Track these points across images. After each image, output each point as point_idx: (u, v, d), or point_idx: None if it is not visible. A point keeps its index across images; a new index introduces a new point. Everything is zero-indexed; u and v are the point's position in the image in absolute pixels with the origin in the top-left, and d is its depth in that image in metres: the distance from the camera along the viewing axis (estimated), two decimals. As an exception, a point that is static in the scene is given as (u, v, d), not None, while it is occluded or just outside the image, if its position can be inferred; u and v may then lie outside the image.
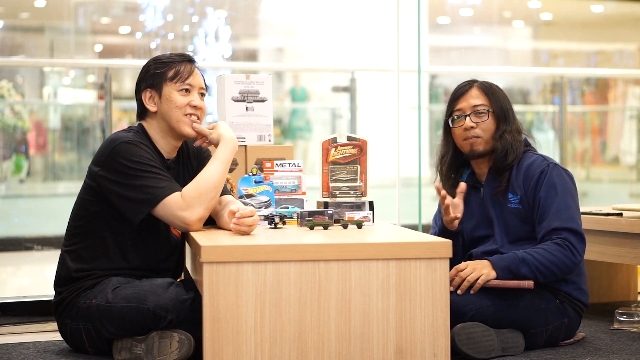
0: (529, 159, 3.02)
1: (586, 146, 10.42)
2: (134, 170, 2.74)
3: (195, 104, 2.89)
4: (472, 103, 3.05)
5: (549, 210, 2.92)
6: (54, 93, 10.27)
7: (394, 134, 4.59)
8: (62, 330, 2.88)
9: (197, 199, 2.73)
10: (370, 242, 2.52)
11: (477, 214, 3.08)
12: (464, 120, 3.04)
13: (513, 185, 3.01)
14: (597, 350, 2.95)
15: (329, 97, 10.09)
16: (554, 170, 2.98)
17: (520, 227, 3.00)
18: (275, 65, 11.26)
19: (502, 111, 3.04)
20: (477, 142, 3.03)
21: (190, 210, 2.72)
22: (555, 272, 2.87)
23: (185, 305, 2.67)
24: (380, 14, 9.94)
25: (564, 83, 6.44)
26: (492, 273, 2.85)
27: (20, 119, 8.31)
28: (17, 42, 10.77)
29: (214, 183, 2.76)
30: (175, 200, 2.72)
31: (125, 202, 2.76)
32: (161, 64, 2.91)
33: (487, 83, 3.09)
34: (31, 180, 9.18)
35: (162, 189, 2.73)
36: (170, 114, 2.88)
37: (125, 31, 11.00)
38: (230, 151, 2.85)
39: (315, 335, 2.44)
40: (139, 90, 2.94)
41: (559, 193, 2.94)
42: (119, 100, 10.43)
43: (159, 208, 2.73)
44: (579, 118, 10.43)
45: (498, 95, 3.06)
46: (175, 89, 2.89)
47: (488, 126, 3.03)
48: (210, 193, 2.75)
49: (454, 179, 3.12)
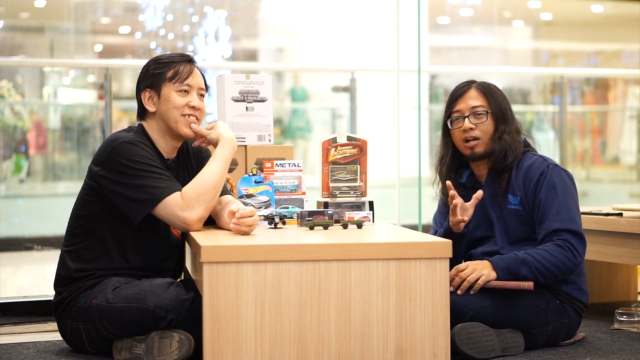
0: (529, 160, 3.01)
1: (586, 146, 10.42)
2: (134, 170, 2.74)
3: (193, 105, 2.89)
4: (470, 104, 3.04)
5: (550, 212, 2.92)
6: (54, 93, 10.28)
7: (394, 134, 4.59)
8: (62, 330, 2.88)
9: (197, 199, 2.73)
10: (370, 242, 2.52)
11: (477, 215, 3.07)
12: (463, 121, 3.04)
13: (513, 187, 3.01)
14: (597, 350, 2.95)
15: (329, 97, 10.09)
16: (554, 171, 2.97)
17: (520, 228, 3.00)
18: (275, 65, 11.26)
19: (500, 112, 3.04)
20: (477, 145, 3.02)
21: (190, 211, 2.72)
22: (556, 273, 2.87)
23: (185, 306, 2.67)
24: (380, 14, 9.94)
25: (564, 83, 6.44)
26: (492, 274, 2.85)
27: (20, 119, 8.31)
28: (17, 42, 10.77)
29: (213, 183, 2.76)
30: (175, 200, 2.72)
31: (126, 201, 2.76)
32: (161, 64, 2.90)
33: (485, 83, 3.09)
34: (31, 180, 9.18)
35: (162, 189, 2.73)
36: (169, 115, 2.88)
37: (125, 31, 11.00)
38: (229, 151, 2.85)
39: (315, 335, 2.44)
40: (138, 90, 2.94)
41: (559, 194, 2.94)
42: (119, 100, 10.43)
43: (159, 208, 2.73)
44: (579, 118, 10.43)
45: (496, 95, 3.06)
46: (174, 89, 2.88)
47: (487, 127, 3.03)
48: (210, 193, 2.75)
49: (453, 180, 3.12)
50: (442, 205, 3.21)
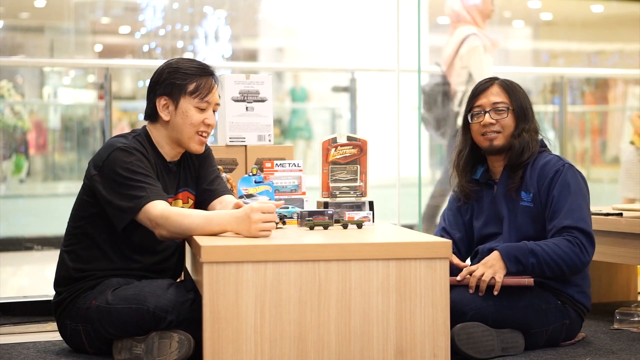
0: (545, 159, 3.03)
1: (586, 146, 10.42)
2: (122, 178, 2.73)
3: (209, 122, 2.87)
4: (492, 100, 3.05)
5: (562, 209, 2.93)
6: (54, 93, 10.28)
7: (394, 134, 4.59)
8: (61, 330, 2.88)
9: (165, 222, 2.66)
10: (370, 242, 2.52)
11: (488, 211, 3.09)
12: (483, 116, 3.05)
13: (527, 184, 3.02)
14: (597, 350, 2.95)
15: (329, 97, 10.09)
16: (569, 170, 2.99)
17: (530, 225, 3.00)
18: (275, 65, 11.26)
19: (521, 110, 3.05)
20: (496, 138, 3.03)
21: (157, 228, 2.70)
22: (563, 267, 2.87)
23: (185, 306, 2.67)
24: (380, 14, 9.93)
25: (564, 83, 6.44)
26: (502, 269, 2.85)
27: (20, 119, 8.30)
28: (17, 42, 10.77)
29: (188, 226, 2.65)
30: (151, 209, 2.68)
31: (111, 208, 2.76)
32: (182, 74, 2.84)
33: (508, 81, 3.11)
34: (31, 180, 9.18)
35: (143, 198, 2.69)
36: (183, 129, 2.85)
37: (125, 31, 11.00)
38: (221, 229, 2.65)
39: (315, 335, 2.43)
40: (153, 93, 2.89)
41: (572, 193, 2.95)
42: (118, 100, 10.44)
43: (140, 216, 2.71)
44: (579, 118, 10.43)
45: (518, 93, 3.07)
46: (193, 104, 2.85)
47: (507, 123, 3.04)
48: (178, 229, 2.66)
49: (467, 176, 3.13)
50: (453, 201, 3.21)
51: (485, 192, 3.11)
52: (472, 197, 3.12)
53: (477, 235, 3.13)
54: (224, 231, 2.62)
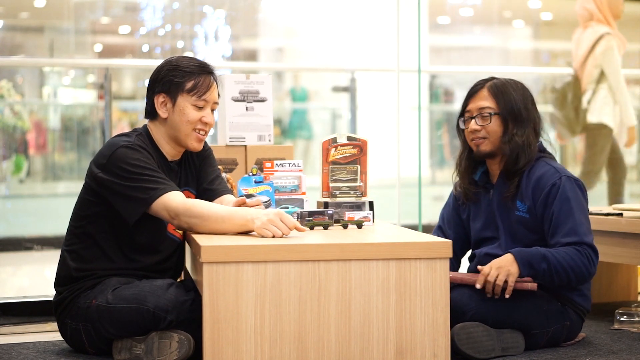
0: (541, 169, 2.97)
1: (586, 146, 10.39)
2: (132, 172, 2.74)
3: (206, 121, 2.87)
4: (479, 105, 3.01)
5: (564, 225, 2.89)
6: (53, 93, 10.28)
7: (394, 134, 4.59)
8: (62, 330, 2.88)
9: (187, 211, 2.67)
10: (370, 242, 2.52)
11: (485, 214, 3.07)
12: (470, 122, 3.03)
13: (522, 193, 2.98)
14: (598, 351, 2.95)
15: (329, 97, 10.09)
16: (567, 182, 2.93)
17: (526, 235, 2.98)
18: (275, 65, 11.26)
19: (512, 113, 2.98)
20: (483, 143, 3.01)
21: (175, 219, 2.71)
22: (571, 276, 2.85)
23: (185, 307, 2.67)
24: (380, 14, 9.93)
25: (563, 83, 6.42)
26: (516, 271, 2.83)
27: (20, 119, 8.31)
28: (17, 42, 10.77)
29: (215, 217, 2.66)
30: (168, 200, 2.71)
31: (123, 201, 2.76)
32: (180, 72, 2.85)
33: (500, 83, 3.03)
34: (31, 180, 9.18)
35: (157, 190, 2.72)
36: (180, 127, 2.86)
37: (125, 31, 11.01)
38: (239, 228, 2.67)
39: (315, 335, 2.43)
40: (152, 90, 2.89)
41: (574, 207, 2.90)
42: (118, 100, 10.43)
43: (153, 207, 2.72)
44: (579, 118, 10.40)
45: (509, 96, 3.00)
46: (190, 102, 2.85)
47: (493, 128, 2.99)
48: (198, 219, 2.67)
49: (469, 176, 3.11)
50: (452, 200, 3.20)
51: (483, 194, 3.10)
52: (471, 199, 3.12)
53: (474, 238, 3.12)
54: (245, 225, 2.61)
